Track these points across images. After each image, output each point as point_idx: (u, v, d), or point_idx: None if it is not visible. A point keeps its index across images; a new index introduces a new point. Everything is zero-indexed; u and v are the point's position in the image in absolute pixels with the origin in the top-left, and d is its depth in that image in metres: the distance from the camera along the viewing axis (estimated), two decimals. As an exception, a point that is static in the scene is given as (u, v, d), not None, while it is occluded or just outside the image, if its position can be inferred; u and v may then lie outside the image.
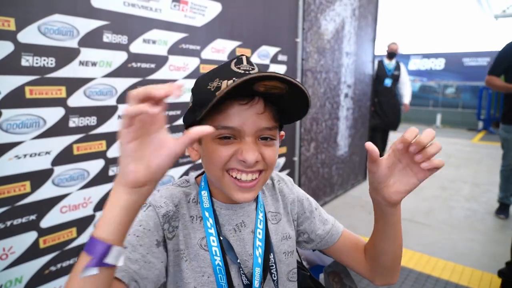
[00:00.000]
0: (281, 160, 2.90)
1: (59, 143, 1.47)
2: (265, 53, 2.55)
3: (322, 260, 1.06)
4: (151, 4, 1.73)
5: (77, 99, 1.50)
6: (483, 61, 16.66)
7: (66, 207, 1.52)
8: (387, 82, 5.07)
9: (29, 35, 1.33)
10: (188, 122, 0.68)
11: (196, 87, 0.69)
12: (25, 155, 1.37)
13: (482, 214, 3.53)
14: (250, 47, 2.41)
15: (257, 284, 0.68)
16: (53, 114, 1.43)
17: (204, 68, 2.06)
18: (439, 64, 18.66)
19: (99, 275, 0.43)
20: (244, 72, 0.61)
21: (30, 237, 1.42)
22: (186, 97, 1.97)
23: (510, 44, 3.05)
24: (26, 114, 1.35)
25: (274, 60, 2.66)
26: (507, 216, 3.39)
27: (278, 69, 2.70)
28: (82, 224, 1.58)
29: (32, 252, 1.42)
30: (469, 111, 12.79)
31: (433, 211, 3.60)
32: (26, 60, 1.33)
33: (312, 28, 3.16)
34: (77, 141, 1.52)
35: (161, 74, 1.83)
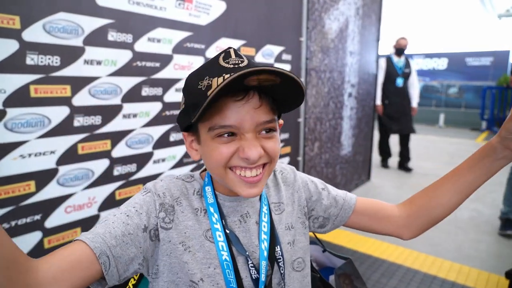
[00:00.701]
0: (285, 160, 2.89)
1: (63, 143, 1.45)
2: (269, 52, 2.54)
3: (332, 262, 1.04)
4: (155, 2, 1.72)
5: (82, 98, 1.49)
6: (486, 61, 16.60)
7: (71, 207, 1.51)
8: (399, 82, 4.79)
9: (34, 33, 1.32)
10: (183, 124, 0.66)
11: (187, 87, 0.65)
12: (29, 155, 1.36)
13: (488, 215, 3.50)
14: (255, 46, 2.39)
15: (263, 277, 0.66)
16: (58, 113, 1.42)
17: (209, 67, 2.05)
18: (442, 64, 18.60)
19: None
20: (233, 66, 0.59)
21: (34, 237, 1.41)
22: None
23: None
24: (30, 113, 1.34)
25: (278, 59, 2.64)
26: None
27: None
28: (86, 224, 1.57)
29: (36, 253, 1.41)
30: (472, 111, 12.74)
31: (438, 212, 3.58)
32: (31, 59, 1.32)
33: (316, 27, 3.14)
34: (81, 141, 1.51)
35: (165, 73, 1.82)
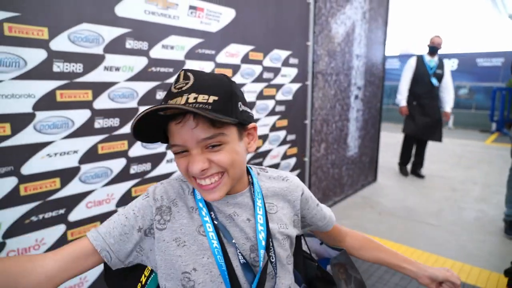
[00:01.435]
0: (292, 161, 2.99)
1: (85, 143, 1.58)
2: (277, 56, 2.64)
3: (330, 254, 1.14)
4: (169, 11, 1.84)
5: (102, 102, 1.61)
6: (497, 62, 16.44)
7: (91, 202, 1.63)
8: (435, 82, 4.52)
9: (60, 43, 1.44)
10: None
11: None
12: (55, 154, 1.48)
13: (492, 215, 3.55)
14: (262, 51, 2.50)
15: (262, 264, 0.75)
16: (81, 116, 1.55)
17: (219, 72, 2.16)
18: (452, 64, 18.48)
19: None
20: (177, 91, 0.67)
21: (59, 230, 1.53)
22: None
23: None
24: (57, 116, 1.46)
25: (286, 63, 2.74)
26: None
27: (289, 72, 2.79)
28: (105, 218, 1.68)
29: (61, 244, 1.53)
30: (482, 112, 12.63)
31: (443, 212, 3.63)
32: (58, 66, 1.44)
33: (323, 32, 3.23)
34: (101, 141, 1.63)
35: (178, 78, 1.93)
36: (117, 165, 1.71)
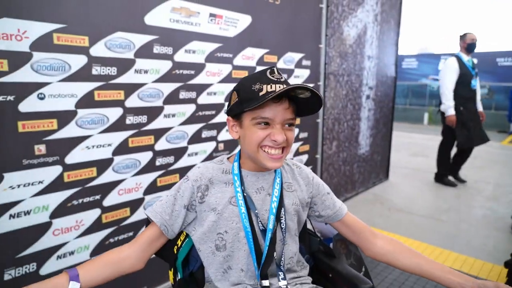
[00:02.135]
0: (304, 158, 3.15)
1: (118, 137, 1.79)
2: (290, 59, 2.80)
3: (332, 233, 1.31)
4: (192, 19, 2.03)
5: (132, 101, 1.82)
6: (518, 61, 16.09)
7: (122, 190, 1.84)
8: (474, 84, 4.13)
9: (98, 49, 1.65)
10: (234, 112, 0.95)
11: (242, 87, 0.94)
12: (93, 146, 1.69)
13: (502, 213, 3.62)
14: (277, 53, 2.67)
15: (270, 226, 0.95)
16: (114, 113, 1.75)
17: (236, 74, 2.35)
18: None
19: None
20: (276, 80, 0.89)
21: (95, 213, 1.74)
22: (219, 99, 2.24)
23: None
24: (94, 113, 1.67)
25: (299, 65, 2.90)
26: None
27: (301, 73, 2.95)
28: (134, 205, 1.90)
29: (96, 226, 1.75)
30: (501, 113, 12.44)
31: (452, 210, 3.73)
32: (96, 70, 1.65)
33: (335, 34, 3.38)
34: (131, 136, 1.84)
35: (199, 79, 2.13)
36: (145, 157, 1.92)
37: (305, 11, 2.90)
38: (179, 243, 1.03)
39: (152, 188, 1.97)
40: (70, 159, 1.61)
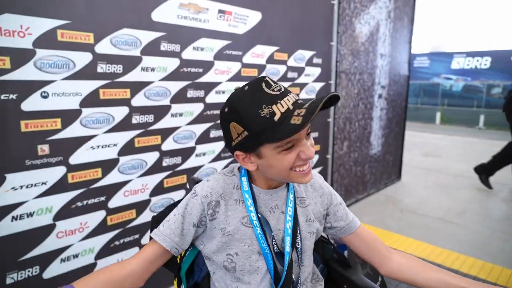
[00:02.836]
0: (314, 158, 3.07)
1: (124, 137, 1.74)
2: (301, 56, 2.73)
3: (347, 240, 1.23)
4: (200, 16, 1.97)
5: (139, 100, 1.77)
6: (533, 59, 15.74)
7: (128, 191, 1.79)
8: None
9: (103, 46, 1.60)
10: (248, 147, 0.80)
11: (245, 116, 0.76)
12: (98, 146, 1.65)
13: (519, 216, 3.50)
14: (287, 51, 2.60)
15: (288, 249, 0.86)
16: (120, 112, 1.70)
17: (245, 72, 2.28)
18: (484, 62, 17.85)
19: None
20: (278, 92, 0.76)
21: (100, 215, 1.70)
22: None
23: None
24: (99, 112, 1.63)
25: (309, 63, 2.83)
26: None
27: (312, 72, 2.87)
28: (140, 207, 1.85)
29: (101, 228, 1.70)
30: (516, 112, 12.16)
31: (468, 212, 3.61)
32: (101, 67, 1.60)
33: (347, 32, 3.29)
34: (138, 136, 1.79)
35: (207, 78, 2.07)
36: (151, 157, 1.87)
37: (316, 7, 2.82)
38: (182, 252, 0.96)
39: (159, 189, 1.92)
40: (74, 159, 1.57)
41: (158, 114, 1.86)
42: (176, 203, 0.94)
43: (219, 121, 2.16)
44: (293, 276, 0.88)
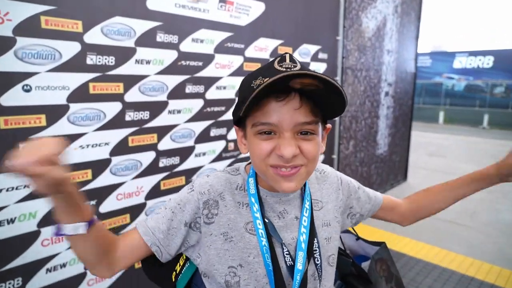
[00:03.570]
0: (320, 158, 2.93)
1: (116, 135, 1.59)
2: (306, 51, 2.59)
3: (365, 250, 1.09)
4: (199, 5, 1.83)
5: (133, 95, 1.62)
6: (537, 58, 15.64)
7: (121, 194, 1.65)
8: None
9: (94, 36, 1.46)
10: (235, 117, 0.73)
11: (242, 85, 0.71)
12: (87, 145, 1.50)
13: (533, 219, 3.36)
14: (292, 45, 2.46)
15: (300, 266, 0.71)
16: (112, 108, 1.56)
17: (248, 66, 2.14)
18: (487, 62, 17.70)
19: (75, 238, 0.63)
20: (285, 69, 0.62)
21: (90, 220, 1.55)
22: (230, 94, 2.06)
23: None
24: (89, 108, 1.48)
25: (315, 58, 2.68)
26: None
27: (318, 67, 2.73)
28: (134, 211, 1.71)
29: (92, 234, 1.56)
30: (520, 112, 12.04)
31: (478, 214, 3.47)
32: (91, 59, 1.46)
33: (353, 26, 3.15)
34: (132, 134, 1.65)
35: (207, 72, 1.92)
36: (147, 158, 1.72)
37: (322, 0, 2.68)
38: (177, 268, 0.82)
39: (155, 192, 1.78)
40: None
41: (154, 110, 1.72)
42: None
43: (220, 119, 2.03)
44: None
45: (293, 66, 0.64)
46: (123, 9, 1.54)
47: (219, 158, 2.08)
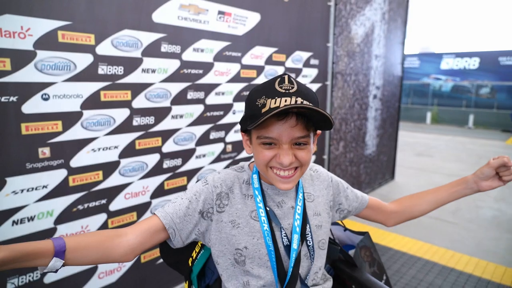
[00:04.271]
0: (311, 159, 3.08)
1: (125, 139, 1.72)
2: (298, 57, 2.74)
3: (351, 240, 1.24)
4: (200, 17, 1.96)
5: (140, 102, 1.75)
6: (520, 60, 16.04)
7: (129, 194, 1.78)
8: None
9: (104, 48, 1.58)
10: (243, 127, 0.88)
11: (249, 100, 0.84)
12: (99, 149, 1.63)
13: (511, 214, 3.56)
14: (285, 52, 2.60)
15: (295, 246, 0.88)
16: (121, 114, 1.69)
17: (244, 73, 2.28)
18: (473, 63, 18.12)
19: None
20: (284, 91, 0.79)
21: (101, 218, 1.68)
22: (228, 99, 2.18)
23: None
24: (101, 114, 1.61)
25: (307, 64, 2.84)
26: None
27: (310, 73, 2.89)
28: (141, 209, 1.83)
29: (102, 231, 1.68)
30: (504, 112, 12.38)
31: (461, 211, 3.67)
32: (102, 69, 1.59)
33: (343, 33, 3.31)
34: (138, 138, 1.78)
35: (207, 79, 2.06)
36: (152, 159, 1.85)
37: (314, 9, 2.83)
38: (194, 255, 0.96)
39: (160, 191, 1.91)
40: (75, 162, 1.55)
41: (158, 116, 1.85)
42: None
43: (219, 122, 2.17)
44: (301, 271, 0.90)
45: (290, 88, 0.80)
46: (131, 22, 1.67)
47: (218, 159, 2.22)
